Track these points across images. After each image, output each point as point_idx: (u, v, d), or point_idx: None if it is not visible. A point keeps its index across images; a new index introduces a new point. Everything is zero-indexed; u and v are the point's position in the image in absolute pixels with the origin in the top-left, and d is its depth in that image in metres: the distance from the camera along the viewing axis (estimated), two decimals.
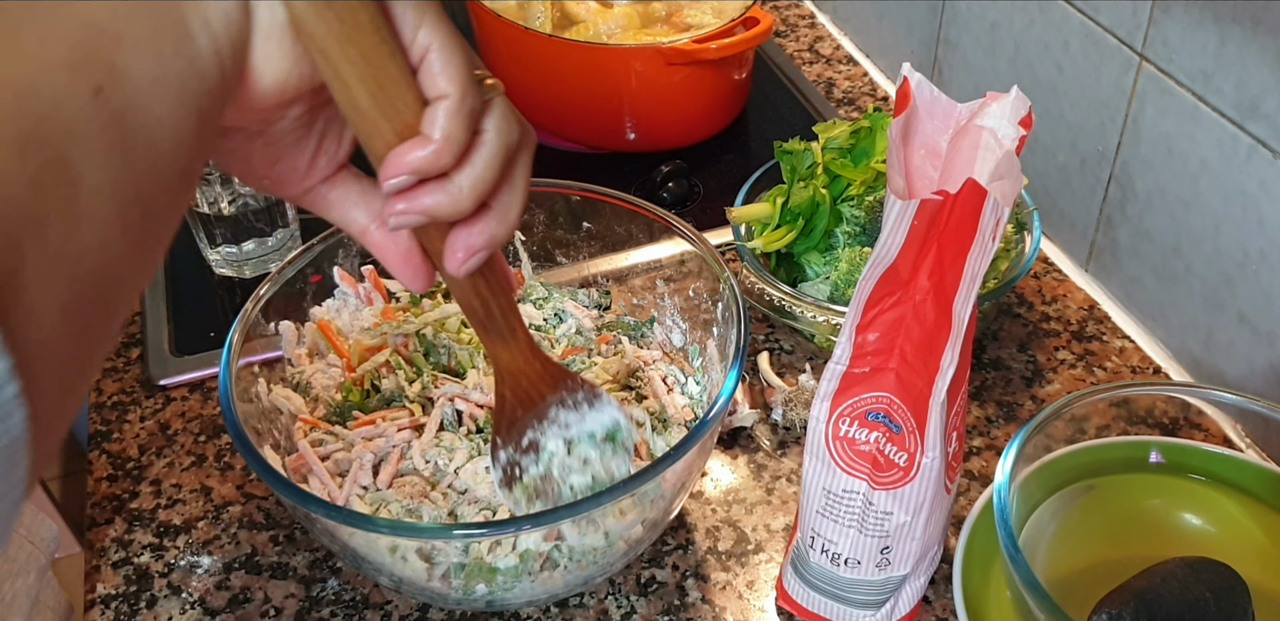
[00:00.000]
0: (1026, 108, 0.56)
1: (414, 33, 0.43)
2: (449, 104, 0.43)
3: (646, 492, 0.61)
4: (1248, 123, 0.72)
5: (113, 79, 0.35)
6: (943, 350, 0.56)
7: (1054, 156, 0.92)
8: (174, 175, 0.37)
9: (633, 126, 1.02)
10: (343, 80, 0.41)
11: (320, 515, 0.57)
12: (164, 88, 0.36)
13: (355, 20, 0.40)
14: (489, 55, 1.07)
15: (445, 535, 0.58)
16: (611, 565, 0.65)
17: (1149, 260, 0.85)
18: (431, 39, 0.43)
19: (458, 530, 0.59)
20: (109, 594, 0.71)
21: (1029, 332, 0.87)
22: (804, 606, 0.67)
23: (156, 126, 0.36)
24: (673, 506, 0.65)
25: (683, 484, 0.64)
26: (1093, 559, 0.64)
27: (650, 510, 0.63)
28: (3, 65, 0.33)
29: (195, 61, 0.38)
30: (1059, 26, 0.87)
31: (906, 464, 0.58)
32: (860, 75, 1.17)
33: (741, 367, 0.63)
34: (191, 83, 0.37)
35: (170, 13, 0.37)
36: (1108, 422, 0.67)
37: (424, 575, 0.61)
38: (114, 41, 0.35)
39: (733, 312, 0.66)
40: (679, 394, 0.73)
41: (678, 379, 0.74)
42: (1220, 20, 0.71)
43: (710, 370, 0.73)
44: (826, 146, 0.84)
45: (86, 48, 0.35)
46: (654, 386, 0.72)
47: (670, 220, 0.73)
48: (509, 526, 0.57)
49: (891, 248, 0.55)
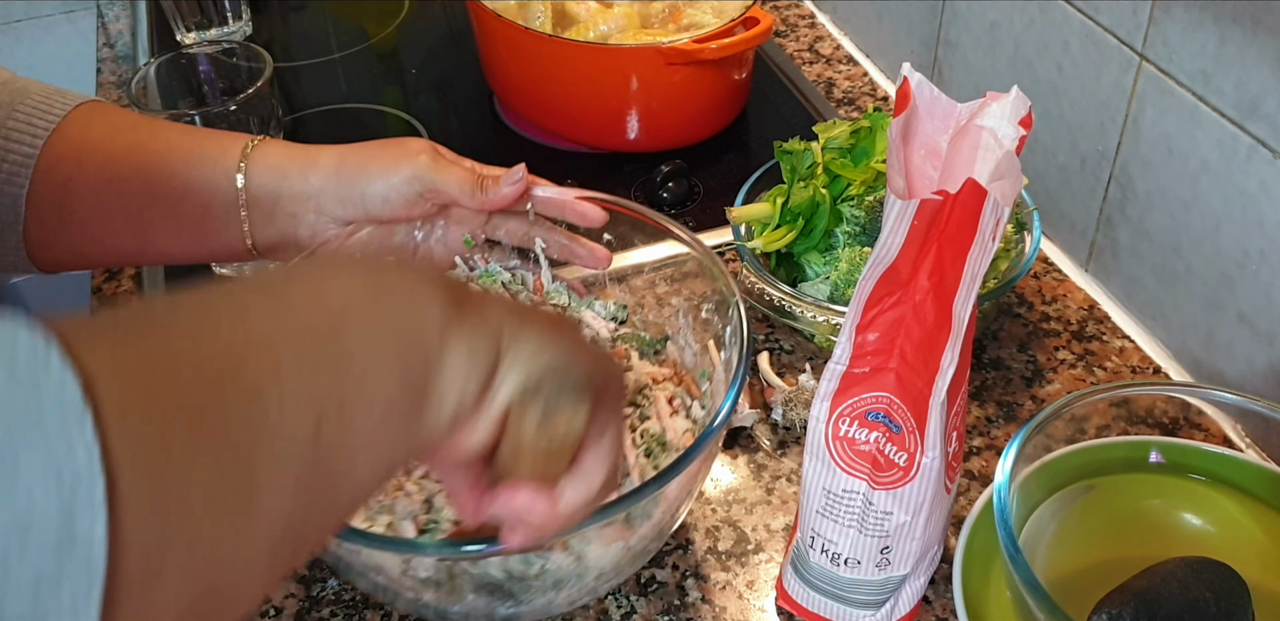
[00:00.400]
0: (1026, 108, 0.56)
1: (595, 440, 0.47)
2: (583, 491, 0.47)
3: (645, 507, 0.60)
4: (1248, 123, 0.72)
5: (339, 415, 0.36)
6: (943, 350, 0.56)
7: (1054, 156, 0.92)
8: (335, 522, 0.39)
9: (633, 126, 1.02)
10: (514, 460, 0.45)
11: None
12: (375, 441, 0.38)
13: (560, 447, 0.45)
14: (489, 55, 1.08)
15: (460, 552, 0.58)
16: (596, 589, 0.65)
17: (1149, 260, 0.85)
18: (599, 445, 0.47)
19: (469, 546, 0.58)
20: None
21: (1029, 332, 0.87)
22: (804, 606, 0.67)
23: (350, 479, 0.37)
24: (677, 514, 0.65)
25: (688, 492, 0.64)
26: (1093, 559, 0.64)
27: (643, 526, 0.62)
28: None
29: (416, 433, 0.40)
30: (1059, 26, 0.87)
31: (906, 464, 0.58)
32: (860, 75, 1.17)
33: (736, 399, 0.62)
34: (403, 445, 0.39)
35: (419, 380, 0.39)
36: (1108, 422, 0.67)
37: (443, 599, 0.61)
38: (357, 383, 0.37)
39: (739, 336, 0.66)
40: (683, 417, 0.72)
41: (684, 401, 0.73)
42: (1220, 20, 0.71)
43: (716, 397, 0.72)
44: (826, 146, 0.84)
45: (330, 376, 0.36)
46: (659, 407, 0.72)
47: (674, 228, 0.72)
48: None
49: (891, 248, 0.55)
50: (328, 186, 0.70)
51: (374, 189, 0.70)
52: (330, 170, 0.70)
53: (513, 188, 0.71)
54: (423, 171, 0.70)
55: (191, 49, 1.04)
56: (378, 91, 1.19)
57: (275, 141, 0.72)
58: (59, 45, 1.51)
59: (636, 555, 0.64)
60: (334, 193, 0.70)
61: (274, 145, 0.71)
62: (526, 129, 1.10)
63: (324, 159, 0.71)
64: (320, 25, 1.31)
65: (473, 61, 1.13)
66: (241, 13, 1.22)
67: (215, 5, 1.19)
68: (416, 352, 0.39)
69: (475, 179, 0.71)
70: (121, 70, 1.25)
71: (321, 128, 1.14)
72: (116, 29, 1.32)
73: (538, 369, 0.42)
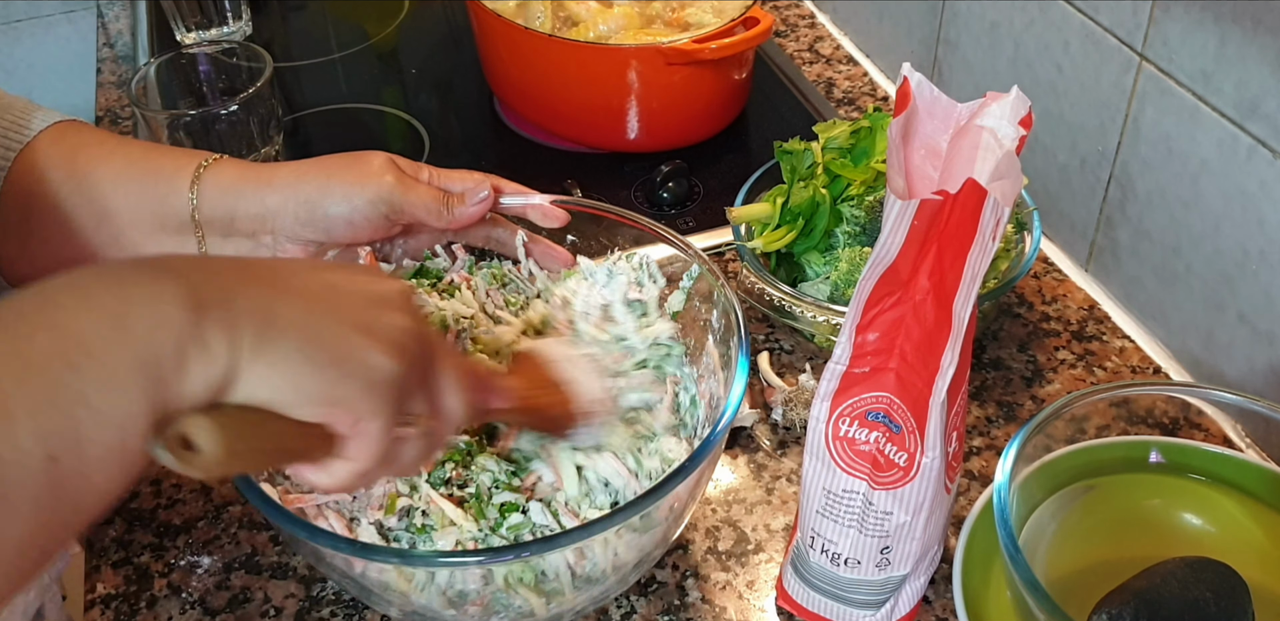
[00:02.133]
0: (1026, 108, 0.56)
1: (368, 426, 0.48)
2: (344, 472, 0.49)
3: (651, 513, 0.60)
4: (1248, 123, 0.72)
5: (75, 447, 0.38)
6: (943, 350, 0.56)
7: (1054, 156, 0.92)
8: (83, 523, 0.41)
9: (633, 126, 1.02)
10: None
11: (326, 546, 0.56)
12: (110, 462, 0.40)
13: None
14: (489, 55, 1.08)
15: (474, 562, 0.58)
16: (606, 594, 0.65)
17: (1149, 260, 0.85)
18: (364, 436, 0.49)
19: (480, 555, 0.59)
20: (109, 594, 0.71)
21: (1029, 332, 0.87)
22: (804, 606, 0.67)
23: (89, 491, 0.39)
24: (683, 516, 0.65)
25: (691, 495, 0.64)
26: (1093, 559, 0.64)
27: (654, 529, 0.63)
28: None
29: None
30: (1059, 26, 0.87)
31: (906, 464, 0.58)
32: (860, 75, 1.17)
33: (733, 416, 0.62)
34: (139, 462, 0.41)
35: (159, 397, 0.40)
36: (1108, 422, 0.67)
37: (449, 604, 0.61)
38: (93, 414, 0.39)
39: (738, 339, 0.66)
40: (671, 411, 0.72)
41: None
42: (1220, 20, 0.71)
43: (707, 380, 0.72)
44: (826, 146, 0.84)
45: (61, 416, 0.38)
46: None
47: (671, 234, 0.72)
48: (524, 550, 0.57)
49: (891, 248, 0.55)
50: (286, 207, 0.69)
51: (337, 210, 0.69)
52: (288, 190, 0.69)
53: (478, 207, 0.71)
54: (387, 193, 0.69)
55: (191, 49, 1.04)
56: (378, 91, 1.19)
57: (231, 161, 0.71)
58: (59, 45, 1.51)
59: (641, 560, 0.64)
60: (293, 213, 0.69)
61: (228, 164, 0.70)
62: (526, 129, 1.10)
63: (280, 178, 0.69)
64: (320, 25, 1.31)
65: (473, 61, 1.13)
66: (241, 13, 1.22)
67: (215, 5, 1.19)
68: (153, 371, 0.40)
69: (441, 198, 0.70)
70: (121, 70, 1.25)
71: (321, 128, 1.14)
72: (116, 29, 1.32)
73: (264, 394, 0.43)
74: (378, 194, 0.69)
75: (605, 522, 0.56)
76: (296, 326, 0.44)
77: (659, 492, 0.57)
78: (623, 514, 0.57)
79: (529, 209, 0.74)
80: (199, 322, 0.41)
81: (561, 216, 0.73)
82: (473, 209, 0.71)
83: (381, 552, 0.57)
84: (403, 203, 0.69)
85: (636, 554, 0.62)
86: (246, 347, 0.42)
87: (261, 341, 0.42)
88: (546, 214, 0.73)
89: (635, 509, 0.57)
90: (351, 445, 0.47)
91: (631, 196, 1.01)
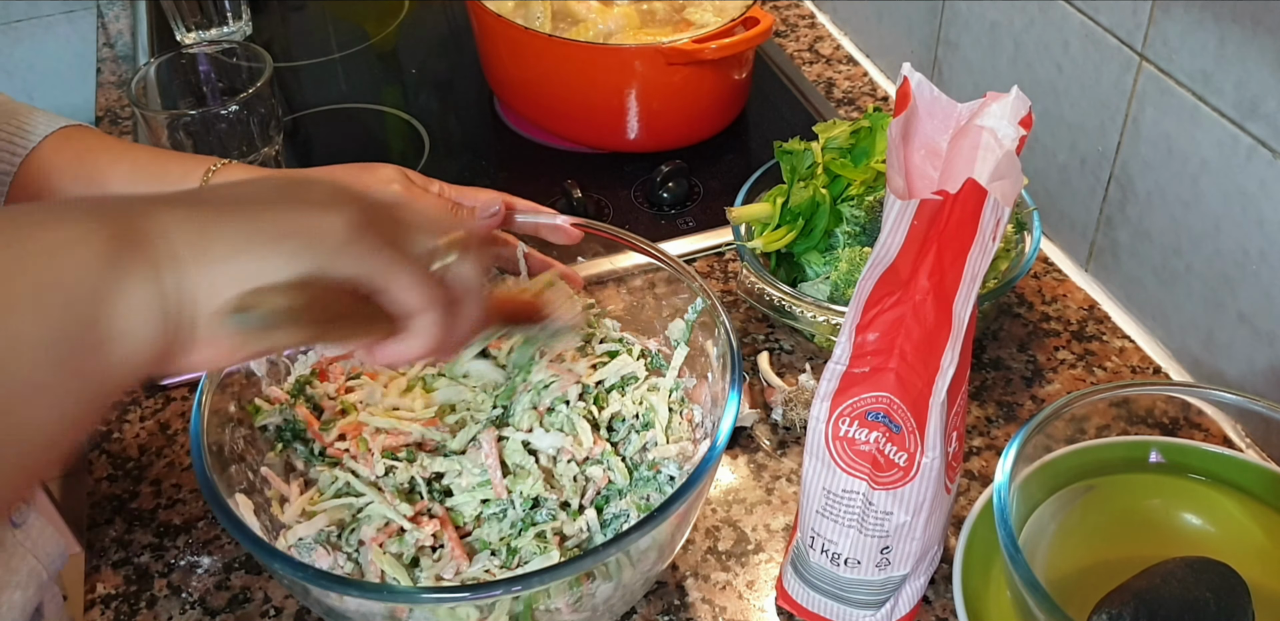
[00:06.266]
0: (1026, 108, 0.56)
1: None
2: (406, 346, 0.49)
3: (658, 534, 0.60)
4: (1248, 123, 0.72)
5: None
6: (943, 350, 0.56)
7: (1054, 156, 0.92)
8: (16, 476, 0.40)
9: (633, 126, 1.02)
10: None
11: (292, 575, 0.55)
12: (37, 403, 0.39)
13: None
14: (489, 55, 1.08)
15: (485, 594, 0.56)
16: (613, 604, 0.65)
17: (1149, 260, 0.85)
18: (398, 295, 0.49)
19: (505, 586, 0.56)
20: (109, 594, 0.71)
21: (1029, 332, 0.87)
22: (804, 606, 0.67)
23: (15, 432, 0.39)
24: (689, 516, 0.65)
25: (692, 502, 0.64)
26: (1093, 559, 0.64)
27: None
28: None
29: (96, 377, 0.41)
30: (1059, 26, 0.87)
31: (906, 464, 0.58)
32: (860, 75, 1.17)
33: (730, 425, 0.61)
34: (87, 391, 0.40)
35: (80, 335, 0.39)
36: (1108, 422, 0.67)
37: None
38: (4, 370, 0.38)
39: (728, 353, 0.65)
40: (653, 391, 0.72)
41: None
42: (1220, 20, 0.71)
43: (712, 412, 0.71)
44: (826, 146, 0.84)
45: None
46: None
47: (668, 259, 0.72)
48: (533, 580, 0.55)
49: (891, 248, 0.55)
50: None
51: None
52: None
53: (488, 221, 0.71)
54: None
55: (191, 49, 1.04)
56: (378, 91, 1.19)
57: (238, 166, 0.71)
58: (59, 45, 1.51)
59: (646, 579, 0.64)
60: None
61: (236, 169, 0.71)
62: (526, 129, 1.10)
63: None
64: (320, 25, 1.31)
65: (473, 61, 1.13)
66: (241, 13, 1.22)
67: (215, 5, 1.19)
68: (72, 310, 0.39)
69: (449, 210, 0.70)
70: (121, 70, 1.25)
71: (321, 128, 1.14)
72: (116, 29, 1.32)
73: (235, 289, 0.42)
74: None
75: (556, 572, 0.55)
76: (230, 220, 0.43)
77: (618, 544, 0.56)
78: (576, 563, 0.55)
79: (541, 227, 0.73)
80: (124, 251, 0.40)
81: (576, 236, 0.73)
82: (482, 223, 0.71)
83: (365, 588, 0.56)
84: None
85: (622, 592, 0.62)
86: (188, 259, 0.41)
87: (202, 241, 0.42)
88: (561, 233, 0.73)
89: (590, 559, 0.55)
90: (399, 299, 0.46)
91: (631, 196, 1.01)
